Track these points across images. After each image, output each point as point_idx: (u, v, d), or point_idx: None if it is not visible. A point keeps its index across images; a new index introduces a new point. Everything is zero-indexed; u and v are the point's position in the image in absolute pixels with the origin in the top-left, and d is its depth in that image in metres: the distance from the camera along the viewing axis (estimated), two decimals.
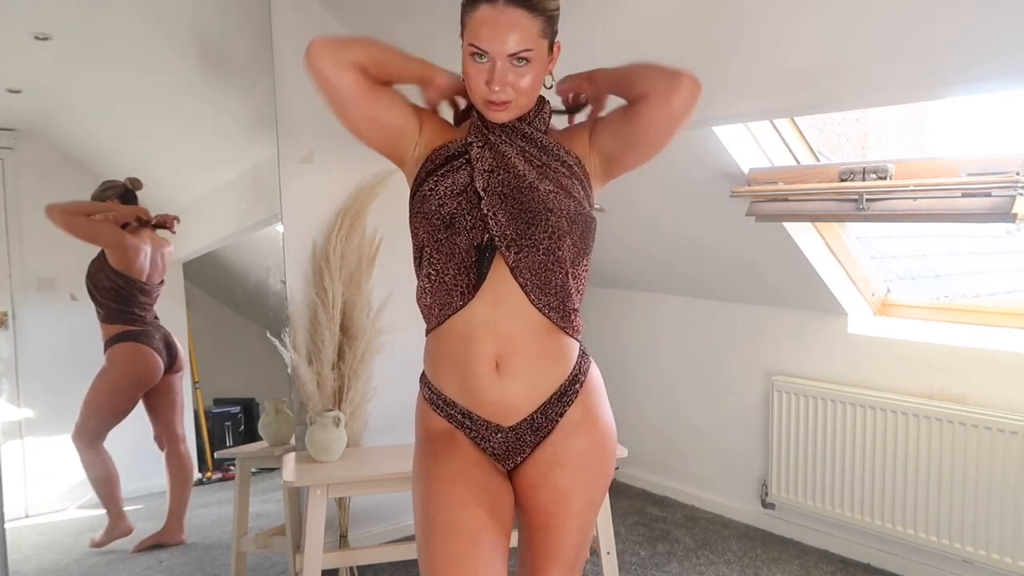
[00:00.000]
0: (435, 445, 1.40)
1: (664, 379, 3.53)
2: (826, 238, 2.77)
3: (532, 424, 1.38)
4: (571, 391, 1.39)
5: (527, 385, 1.36)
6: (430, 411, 1.43)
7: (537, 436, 1.39)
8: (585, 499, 1.41)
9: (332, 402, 2.59)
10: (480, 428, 1.38)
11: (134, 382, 2.60)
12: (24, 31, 2.40)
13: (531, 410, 1.37)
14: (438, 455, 1.38)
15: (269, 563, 2.78)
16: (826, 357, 2.92)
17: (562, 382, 1.38)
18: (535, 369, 1.36)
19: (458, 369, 1.37)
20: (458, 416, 1.39)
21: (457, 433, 1.40)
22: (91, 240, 2.51)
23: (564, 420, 1.39)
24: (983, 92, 1.89)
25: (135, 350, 2.57)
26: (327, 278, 2.64)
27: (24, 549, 2.48)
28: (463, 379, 1.37)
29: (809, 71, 1.97)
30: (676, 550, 2.99)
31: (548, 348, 1.36)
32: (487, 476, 1.38)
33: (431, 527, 1.32)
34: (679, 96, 1.32)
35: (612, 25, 2.21)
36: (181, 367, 2.68)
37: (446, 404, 1.40)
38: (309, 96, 2.89)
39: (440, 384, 1.41)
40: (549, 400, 1.38)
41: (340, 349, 2.66)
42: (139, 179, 2.51)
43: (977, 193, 2.17)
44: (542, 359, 1.36)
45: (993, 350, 2.47)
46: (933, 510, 2.56)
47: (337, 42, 1.31)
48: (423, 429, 1.44)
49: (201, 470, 2.88)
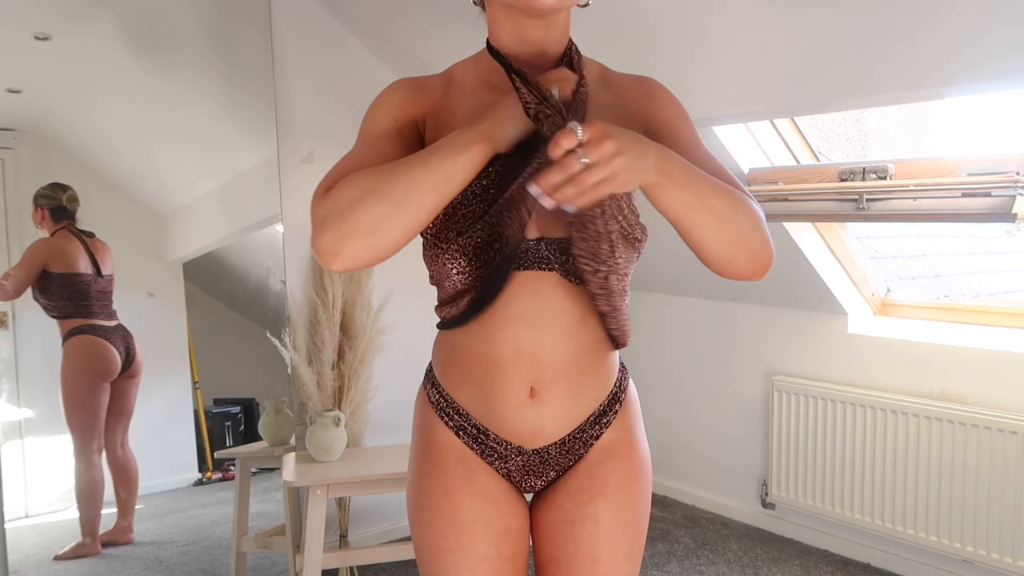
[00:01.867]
0: (441, 468, 1.14)
1: (664, 379, 3.53)
2: (826, 238, 2.77)
3: (563, 447, 1.14)
4: (611, 411, 1.18)
5: (565, 411, 1.13)
6: (435, 418, 1.17)
7: (567, 460, 1.16)
8: (633, 538, 1.16)
9: (332, 402, 2.60)
10: (497, 447, 1.13)
11: (92, 371, 2.57)
12: (24, 31, 2.40)
13: (563, 434, 1.14)
14: (447, 488, 1.13)
15: (269, 563, 2.78)
16: (826, 357, 2.92)
17: (601, 403, 1.16)
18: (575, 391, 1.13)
19: (477, 382, 1.12)
20: (471, 430, 1.14)
21: (467, 453, 1.14)
22: (36, 268, 2.50)
23: (600, 442, 1.16)
24: (983, 92, 1.89)
25: (90, 342, 2.56)
26: (327, 278, 2.64)
27: (24, 549, 2.48)
28: (482, 392, 1.12)
29: (809, 71, 1.97)
30: (676, 550, 2.99)
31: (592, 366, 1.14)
32: (505, 515, 1.14)
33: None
34: (740, 274, 1.06)
35: (611, 24, 2.21)
36: (136, 372, 2.64)
37: (458, 414, 1.15)
38: (309, 96, 2.91)
39: (453, 390, 1.15)
40: (586, 422, 1.15)
41: (340, 349, 2.66)
42: (77, 197, 2.50)
43: (977, 193, 2.17)
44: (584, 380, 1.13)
45: (993, 350, 2.48)
46: (933, 510, 2.56)
47: (333, 234, 0.94)
48: (424, 438, 1.18)
49: (201, 470, 2.88)
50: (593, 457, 1.16)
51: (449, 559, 1.11)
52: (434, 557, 1.13)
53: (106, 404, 2.59)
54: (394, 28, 2.73)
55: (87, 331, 2.55)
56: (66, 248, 2.52)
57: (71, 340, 2.54)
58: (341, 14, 2.80)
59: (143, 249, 2.76)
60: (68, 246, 2.53)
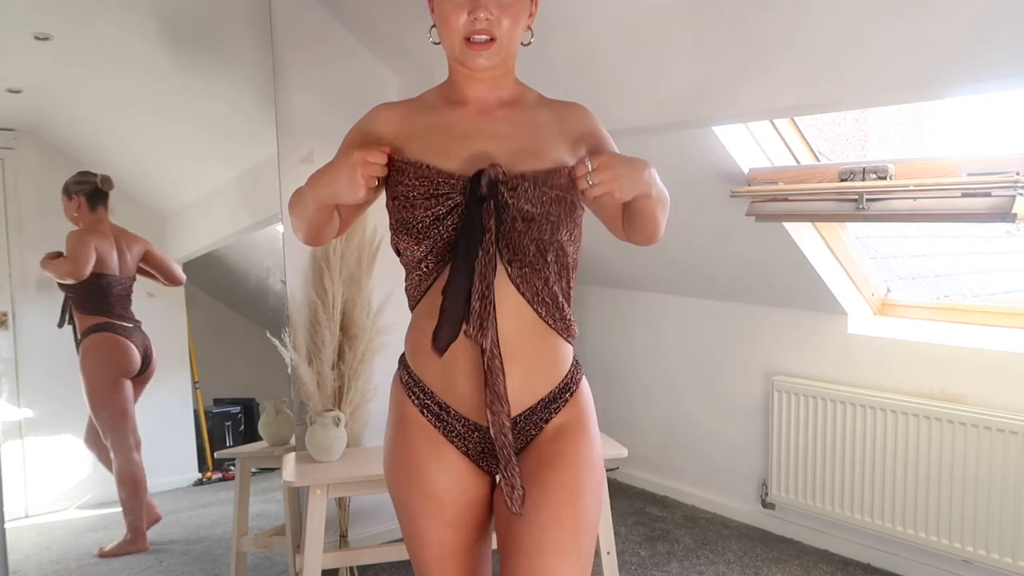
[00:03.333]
0: (410, 444, 1.31)
1: (664, 379, 3.53)
2: (826, 238, 2.77)
3: (515, 428, 1.28)
4: (561, 398, 1.31)
5: (517, 386, 1.27)
6: (404, 396, 1.34)
7: (519, 441, 1.30)
8: (581, 512, 1.25)
9: (332, 402, 2.60)
10: (456, 424, 1.29)
11: (114, 368, 2.56)
12: (24, 31, 2.40)
13: (516, 413, 1.28)
14: (416, 462, 1.30)
15: (269, 563, 2.78)
16: (826, 357, 2.92)
17: (552, 389, 1.31)
18: (528, 370, 1.29)
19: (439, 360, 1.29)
20: (434, 408, 1.30)
21: (431, 431, 1.30)
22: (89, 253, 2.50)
23: (550, 426, 1.30)
24: (983, 92, 1.89)
25: (110, 339, 2.55)
26: (327, 278, 2.64)
27: (24, 549, 2.48)
28: (444, 370, 1.28)
29: (809, 71, 1.97)
30: (676, 550, 2.99)
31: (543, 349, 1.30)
32: (469, 488, 1.31)
33: (422, 554, 1.32)
34: (645, 245, 1.40)
35: (609, 23, 2.21)
36: (148, 377, 2.63)
37: (423, 392, 1.31)
38: (309, 96, 2.91)
39: (420, 370, 1.32)
40: (536, 405, 1.30)
41: (340, 349, 2.66)
42: (111, 179, 2.48)
43: (977, 193, 2.17)
44: (535, 360, 1.29)
45: (993, 350, 2.47)
46: (933, 510, 2.56)
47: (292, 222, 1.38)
48: (396, 414, 1.36)
49: (201, 470, 2.89)
50: (543, 437, 1.30)
51: (422, 523, 1.30)
52: (410, 521, 1.32)
53: (131, 399, 2.58)
54: (394, 28, 2.73)
55: (108, 328, 2.54)
56: (102, 246, 2.51)
57: (91, 337, 2.52)
58: (341, 14, 2.80)
59: None
60: (104, 244, 2.51)
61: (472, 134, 1.30)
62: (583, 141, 1.35)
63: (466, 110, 1.34)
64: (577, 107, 1.41)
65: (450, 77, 1.37)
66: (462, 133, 1.31)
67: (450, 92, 1.36)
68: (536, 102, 1.39)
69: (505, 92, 1.36)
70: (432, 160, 1.26)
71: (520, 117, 1.34)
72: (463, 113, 1.33)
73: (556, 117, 1.37)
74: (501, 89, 1.35)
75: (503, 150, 1.28)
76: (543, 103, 1.39)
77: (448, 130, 1.31)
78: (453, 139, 1.29)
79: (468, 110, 1.34)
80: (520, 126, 1.33)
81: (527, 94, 1.39)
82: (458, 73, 1.34)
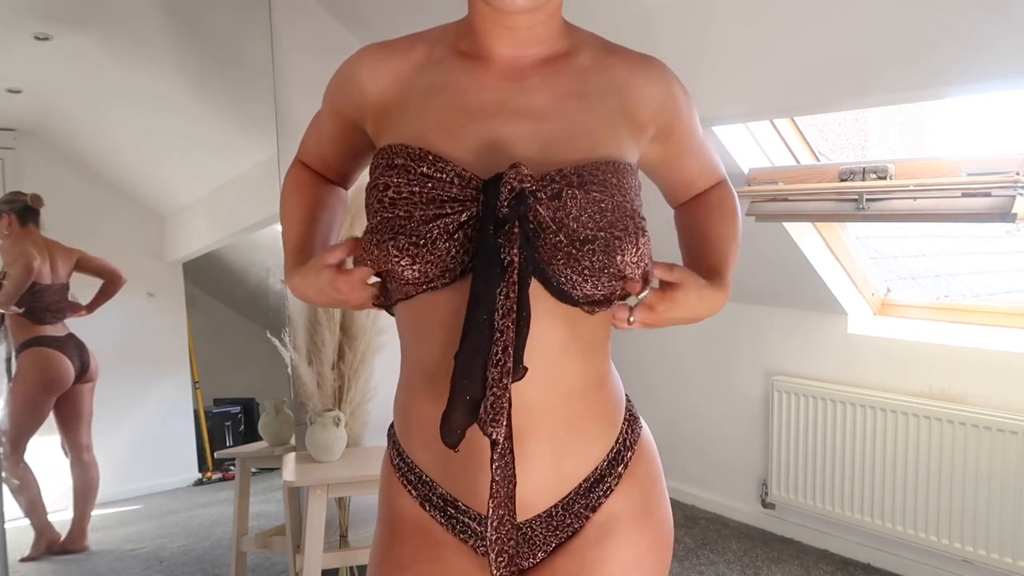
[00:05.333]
0: (399, 541, 0.95)
1: (664, 379, 3.53)
2: (826, 238, 2.77)
3: (549, 522, 0.91)
4: (612, 473, 0.93)
5: (549, 471, 0.90)
6: (398, 485, 0.97)
7: (557, 537, 0.92)
8: None
9: (332, 402, 2.59)
10: (468, 521, 0.92)
11: (44, 387, 2.54)
12: (24, 31, 2.40)
13: (549, 504, 0.91)
14: (400, 564, 0.93)
15: (269, 563, 2.78)
16: (826, 357, 2.92)
17: (600, 462, 0.93)
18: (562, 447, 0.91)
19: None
20: (437, 502, 0.93)
21: (432, 527, 0.94)
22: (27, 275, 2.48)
23: (599, 515, 0.92)
24: (983, 92, 1.89)
25: (44, 355, 2.53)
26: None
27: (24, 549, 2.48)
28: (447, 454, 0.86)
29: (809, 71, 1.97)
30: (676, 550, 2.98)
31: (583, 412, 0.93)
32: None
33: None
34: None
35: (612, 25, 2.21)
36: (92, 378, 2.60)
37: (421, 482, 0.94)
38: (309, 96, 2.90)
39: (412, 450, 0.95)
40: (578, 488, 0.92)
41: (340, 349, 2.66)
42: (41, 197, 2.46)
43: (977, 193, 2.17)
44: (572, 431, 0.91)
45: (993, 350, 2.47)
46: (933, 510, 2.56)
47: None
48: (385, 507, 0.99)
49: (201, 470, 2.89)
50: (589, 534, 0.92)
51: None
52: None
53: (48, 414, 2.56)
54: (394, 28, 2.73)
55: (42, 343, 2.51)
56: (31, 255, 2.48)
57: (26, 353, 2.50)
58: (341, 14, 2.80)
59: (143, 249, 2.76)
60: (33, 253, 2.49)
61: (493, 108, 0.90)
62: (652, 125, 0.97)
63: (487, 72, 0.92)
64: (654, 67, 0.99)
65: (469, 19, 0.95)
66: (478, 107, 0.90)
67: (466, 42, 0.95)
68: (592, 60, 0.96)
69: (546, 47, 0.94)
70: (434, 143, 0.87)
71: (566, 84, 0.92)
72: (483, 75, 0.92)
73: (621, 82, 0.95)
74: (541, 43, 0.93)
75: (537, 136, 0.88)
76: (603, 58, 0.96)
77: (458, 98, 0.91)
78: (465, 113, 0.89)
79: (490, 72, 0.92)
80: (565, 98, 0.91)
81: (580, 46, 0.96)
82: (481, 16, 0.92)
